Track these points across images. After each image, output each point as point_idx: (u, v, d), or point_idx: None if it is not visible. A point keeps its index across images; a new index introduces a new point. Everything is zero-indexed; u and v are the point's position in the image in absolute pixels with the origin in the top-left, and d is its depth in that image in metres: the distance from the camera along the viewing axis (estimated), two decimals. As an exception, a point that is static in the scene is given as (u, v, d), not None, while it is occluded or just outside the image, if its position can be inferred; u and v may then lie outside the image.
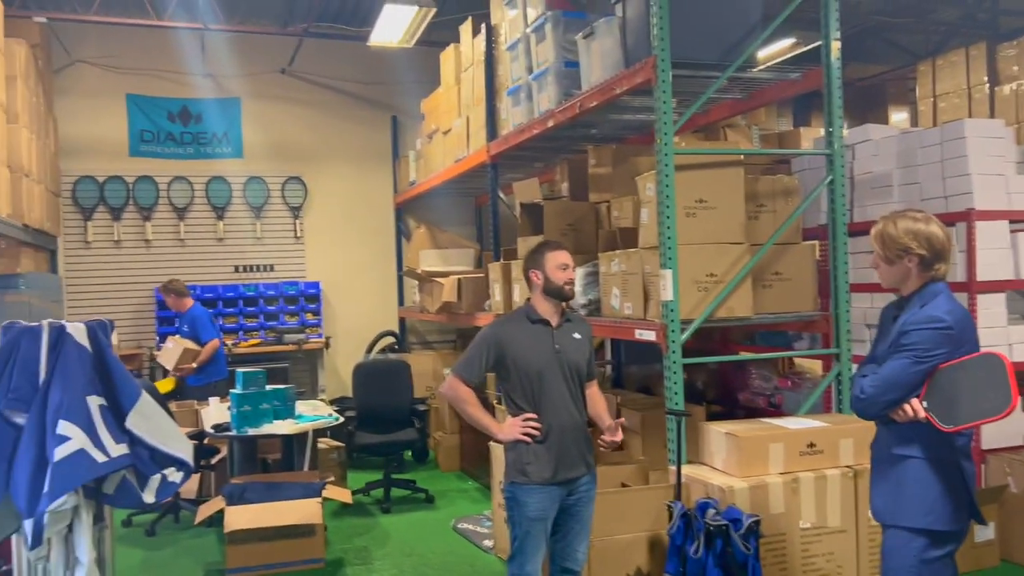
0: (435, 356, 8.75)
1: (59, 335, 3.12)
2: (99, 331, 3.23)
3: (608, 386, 7.23)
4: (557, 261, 3.47)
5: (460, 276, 7.31)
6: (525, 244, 5.90)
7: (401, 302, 9.80)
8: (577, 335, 3.53)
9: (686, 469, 4.06)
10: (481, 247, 9.04)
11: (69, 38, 8.53)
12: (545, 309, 3.49)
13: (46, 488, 2.89)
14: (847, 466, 4.00)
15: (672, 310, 4.17)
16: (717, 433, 4.08)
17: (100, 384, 3.15)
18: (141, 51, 8.86)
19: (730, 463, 3.98)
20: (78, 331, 3.16)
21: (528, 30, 5.84)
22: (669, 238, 4.17)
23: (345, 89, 9.62)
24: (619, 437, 3.47)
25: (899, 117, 10.74)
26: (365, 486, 6.63)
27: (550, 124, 5.49)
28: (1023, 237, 4.98)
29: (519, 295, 6.05)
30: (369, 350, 9.19)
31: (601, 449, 3.55)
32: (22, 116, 6.68)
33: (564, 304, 3.53)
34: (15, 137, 6.51)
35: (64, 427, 2.94)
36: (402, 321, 9.79)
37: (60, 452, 2.90)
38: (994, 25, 8.90)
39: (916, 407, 2.59)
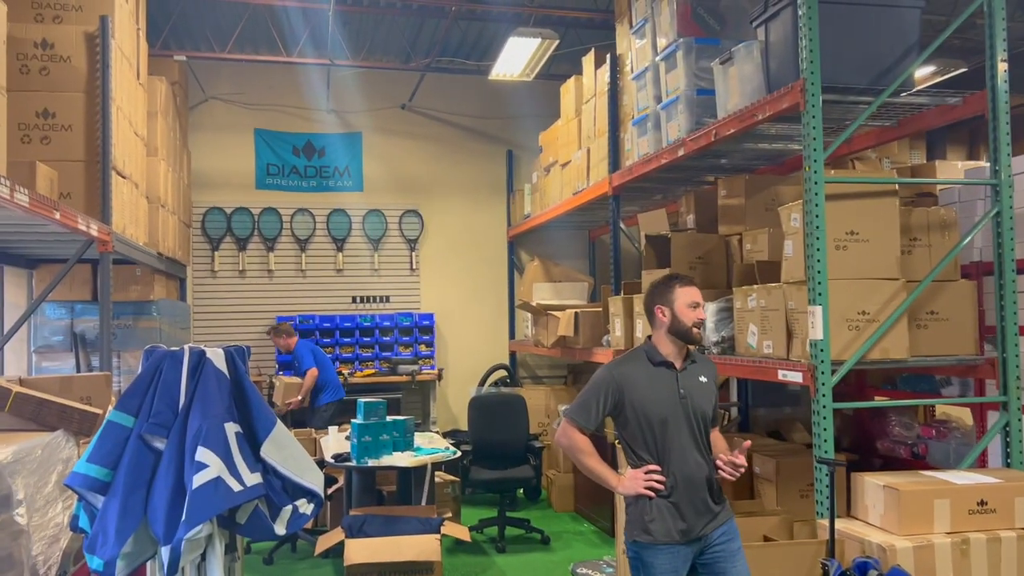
0: (547, 391, 8.58)
1: (199, 360, 3.12)
2: (237, 357, 3.22)
3: (734, 430, 6.89)
4: (688, 299, 3.17)
5: (577, 310, 7.15)
6: (650, 277, 5.69)
7: (512, 335, 9.71)
8: (703, 378, 3.22)
9: (836, 524, 3.73)
10: (594, 281, 8.88)
11: (204, 75, 8.92)
12: (668, 350, 3.20)
13: (184, 516, 2.85)
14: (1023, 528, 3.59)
15: (822, 350, 3.88)
16: (874, 485, 3.74)
17: (237, 411, 3.13)
18: (269, 88, 9.18)
19: (889, 519, 3.63)
20: (217, 356, 3.15)
21: (657, 59, 5.69)
22: (819, 272, 3.89)
23: (462, 123, 9.70)
24: (742, 460, 3.08)
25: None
26: (479, 523, 6.48)
27: (681, 153, 5.29)
28: None
29: (641, 331, 5.83)
30: (482, 383, 9.12)
31: (722, 475, 3.14)
32: (160, 150, 6.97)
33: (689, 344, 3.24)
34: (153, 169, 6.79)
35: (203, 454, 2.91)
36: (513, 354, 9.68)
37: (198, 479, 2.87)
38: None
39: None
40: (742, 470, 3.09)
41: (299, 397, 7.37)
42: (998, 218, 4.21)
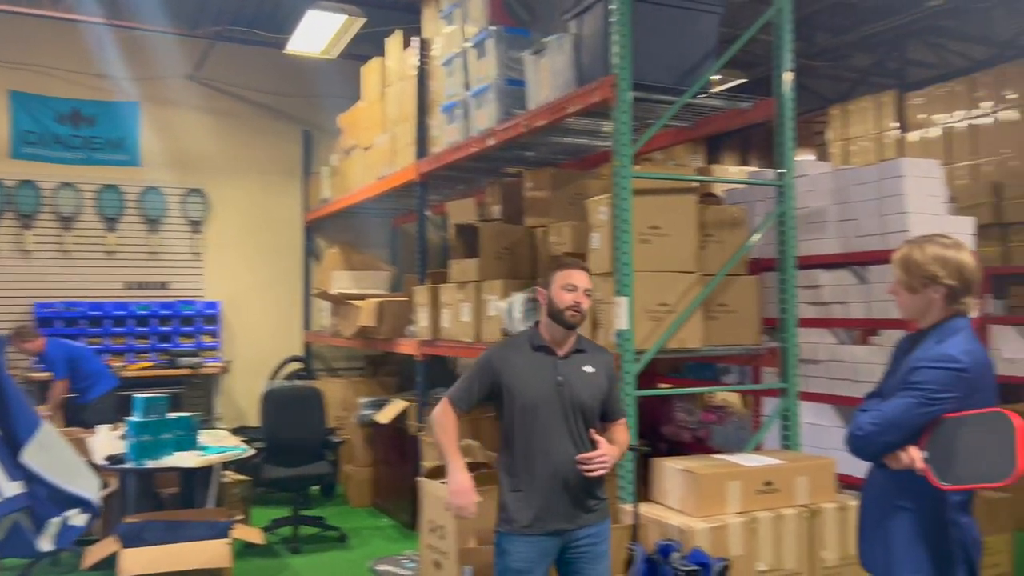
0: (345, 383, 8.28)
1: (-57, 351, 2.62)
2: (-7, 348, 2.75)
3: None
4: (564, 281, 3.08)
5: (380, 300, 6.95)
6: (458, 266, 5.64)
7: (308, 326, 9.29)
8: (590, 368, 3.13)
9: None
10: (397, 270, 8.71)
11: (-54, 24, 7.74)
12: (551, 335, 3.13)
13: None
14: (803, 505, 3.87)
15: (627, 339, 3.98)
16: (672, 469, 3.89)
17: (-8, 410, 2.67)
18: (27, 44, 8.13)
19: (687, 502, 3.78)
20: (-33, 347, 2.67)
21: (467, 45, 5.61)
22: (625, 264, 3.99)
23: (256, 99, 9.13)
24: (594, 454, 2.99)
25: (804, 159, 11.08)
26: (271, 523, 6.12)
27: (491, 142, 5.26)
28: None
29: (448, 321, 5.76)
30: (273, 376, 8.64)
31: (584, 470, 3.06)
32: None
33: (577, 331, 3.16)
34: None
35: (-53, 462, 2.45)
36: (307, 346, 9.28)
37: (-59, 493, 2.42)
38: (902, 74, 9.30)
39: (915, 455, 2.41)
40: (603, 460, 2.99)
41: (48, 414, 6.49)
42: (782, 218, 4.52)
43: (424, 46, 6.41)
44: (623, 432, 3.28)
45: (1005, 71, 7.70)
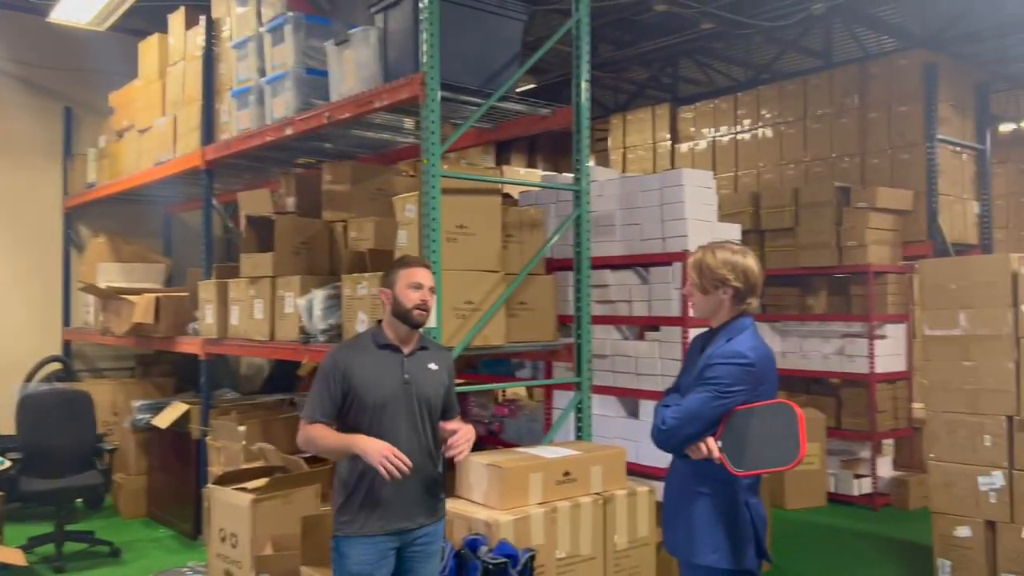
0: (114, 385, 7.60)
1: None
2: None
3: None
4: (409, 280, 3.04)
5: (158, 295, 6.46)
6: (250, 261, 5.37)
7: (68, 322, 8.42)
8: (433, 365, 3.15)
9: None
10: (174, 262, 8.15)
11: None
12: (395, 334, 3.09)
13: None
14: (597, 493, 4.09)
15: (434, 337, 3.99)
16: (478, 464, 3.96)
17: None
18: None
19: (492, 495, 3.87)
20: None
21: (263, 29, 5.37)
22: (435, 262, 4.00)
23: (8, 70, 8.12)
24: (461, 435, 3.02)
25: (592, 166, 11.70)
26: (29, 542, 5.51)
27: (289, 132, 5.06)
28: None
29: (238, 318, 5.47)
30: (29, 378, 7.76)
31: (452, 454, 3.07)
32: None
33: (419, 329, 3.12)
34: None
35: None
36: (67, 344, 8.41)
37: None
38: (675, 89, 10.07)
39: (711, 446, 2.63)
40: (468, 439, 3.02)
41: None
42: (578, 220, 4.74)
43: (213, 26, 6.04)
44: (466, 428, 3.28)
45: (762, 93, 8.58)
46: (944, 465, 5.13)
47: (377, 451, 2.83)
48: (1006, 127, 9.06)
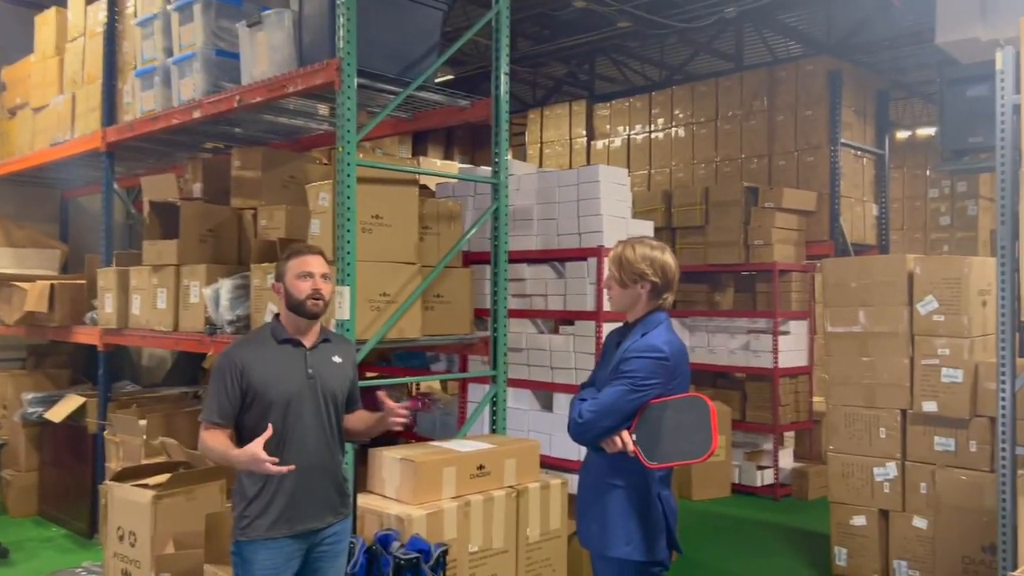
0: (2, 377, 7.13)
1: None
2: None
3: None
4: (298, 270, 2.92)
5: (53, 282, 6.13)
6: (153, 248, 5.17)
7: (-49, 310, 7.91)
8: (337, 358, 3.06)
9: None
10: (70, 248, 7.75)
11: None
12: (295, 327, 2.97)
13: None
14: (511, 486, 4.09)
15: (348, 330, 3.91)
16: (390, 459, 3.90)
17: None
18: None
19: (404, 490, 3.82)
20: None
21: (170, 7, 5.15)
22: (348, 253, 3.91)
23: None
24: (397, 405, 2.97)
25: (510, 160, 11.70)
26: (-96, 546, 5.16)
27: (196, 115, 4.86)
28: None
29: (140, 308, 5.25)
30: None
31: (393, 423, 3.04)
32: None
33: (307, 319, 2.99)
34: None
35: None
36: (-51, 334, 7.90)
37: None
38: (591, 86, 10.16)
39: (626, 440, 2.65)
40: (402, 408, 2.98)
41: None
42: (496, 214, 4.72)
43: (116, 1, 5.76)
44: (369, 416, 3.24)
45: (676, 93, 8.75)
46: (842, 456, 5.35)
47: (251, 458, 2.65)
48: (902, 134, 9.53)
